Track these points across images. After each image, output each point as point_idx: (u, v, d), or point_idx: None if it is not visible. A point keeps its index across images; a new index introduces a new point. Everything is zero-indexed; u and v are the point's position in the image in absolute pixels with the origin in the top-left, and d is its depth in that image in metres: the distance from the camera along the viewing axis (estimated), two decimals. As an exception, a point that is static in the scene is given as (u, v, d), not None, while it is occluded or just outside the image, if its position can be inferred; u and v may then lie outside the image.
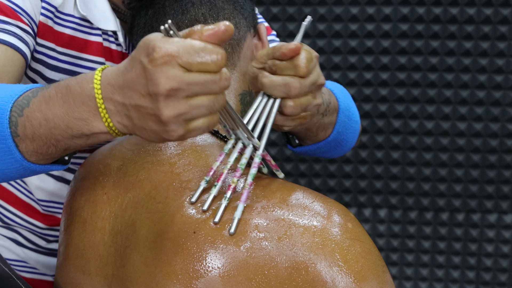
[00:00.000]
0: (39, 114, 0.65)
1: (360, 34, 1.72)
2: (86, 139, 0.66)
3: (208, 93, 0.60)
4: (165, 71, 0.57)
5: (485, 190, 1.78)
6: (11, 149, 0.67)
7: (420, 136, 1.76)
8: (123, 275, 0.75)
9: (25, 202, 1.07)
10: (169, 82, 0.57)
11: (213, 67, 0.59)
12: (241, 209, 0.68)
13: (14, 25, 0.86)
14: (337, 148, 0.98)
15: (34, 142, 0.66)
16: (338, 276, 0.66)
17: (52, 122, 0.65)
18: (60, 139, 0.66)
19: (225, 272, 0.67)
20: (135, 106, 0.60)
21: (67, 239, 0.85)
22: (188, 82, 0.58)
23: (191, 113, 0.59)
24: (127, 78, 0.60)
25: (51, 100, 0.65)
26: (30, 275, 1.11)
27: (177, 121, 0.59)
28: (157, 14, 0.87)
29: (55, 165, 0.72)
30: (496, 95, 1.72)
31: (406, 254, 1.84)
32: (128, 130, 0.64)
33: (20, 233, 1.09)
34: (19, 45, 0.84)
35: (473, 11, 1.67)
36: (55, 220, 1.08)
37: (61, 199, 1.06)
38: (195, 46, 0.58)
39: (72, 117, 0.64)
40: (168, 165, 0.78)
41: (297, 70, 0.73)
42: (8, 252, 1.08)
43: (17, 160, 0.68)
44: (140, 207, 0.77)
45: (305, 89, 0.74)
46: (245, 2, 0.90)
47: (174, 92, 0.58)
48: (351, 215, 0.72)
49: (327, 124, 0.92)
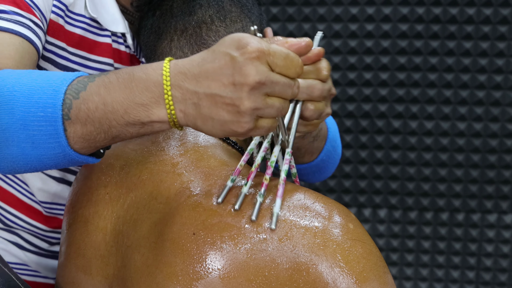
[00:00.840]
0: (97, 97, 0.65)
1: (359, 34, 1.72)
2: (140, 128, 0.66)
3: (282, 96, 0.64)
4: (256, 65, 0.61)
5: (485, 190, 1.78)
6: (58, 133, 0.66)
7: (420, 136, 1.76)
8: (124, 275, 0.75)
9: (27, 204, 1.07)
10: (259, 75, 0.60)
11: (293, 73, 0.63)
12: (279, 204, 0.69)
13: (27, 18, 0.85)
14: (315, 174, 1.02)
15: (86, 126, 0.66)
16: (340, 277, 0.66)
17: (110, 106, 0.65)
18: (114, 125, 0.66)
19: (225, 273, 0.67)
20: (211, 95, 0.62)
21: (69, 239, 0.85)
22: (272, 80, 0.62)
23: (264, 111, 0.63)
24: (207, 68, 0.62)
25: (111, 85, 0.65)
26: (32, 278, 1.10)
27: (252, 114, 0.62)
28: (164, 15, 0.88)
29: (91, 157, 0.71)
30: (496, 95, 1.72)
31: (406, 254, 1.84)
32: (188, 120, 0.65)
33: (22, 236, 1.08)
34: (34, 39, 0.84)
35: (472, 11, 1.67)
36: (58, 222, 1.08)
37: (63, 200, 1.06)
38: (282, 50, 0.63)
39: (133, 102, 0.64)
40: (170, 165, 0.78)
41: (319, 73, 0.76)
42: (10, 255, 1.08)
43: (61, 145, 0.67)
44: (142, 207, 0.77)
45: (325, 93, 0.76)
46: (253, 6, 0.90)
47: (259, 86, 0.61)
48: (352, 215, 0.72)
49: (315, 149, 0.96)
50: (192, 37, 0.86)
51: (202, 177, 0.75)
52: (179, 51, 0.86)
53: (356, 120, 1.77)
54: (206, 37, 0.85)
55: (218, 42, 0.64)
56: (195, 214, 0.70)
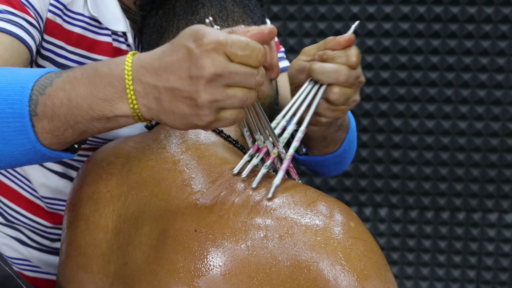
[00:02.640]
0: (62, 93, 0.65)
1: (360, 33, 1.72)
2: (106, 122, 0.66)
3: (245, 86, 0.62)
4: (212, 57, 0.60)
5: (485, 189, 1.78)
6: (27, 129, 0.66)
7: (421, 135, 1.76)
8: (125, 273, 0.75)
9: (29, 200, 1.07)
10: (214, 67, 0.60)
11: (254, 62, 0.62)
12: (280, 176, 0.70)
13: (21, 17, 0.85)
14: (337, 165, 1.03)
15: (52, 122, 0.66)
16: (341, 275, 0.66)
17: (75, 102, 0.65)
18: (80, 121, 0.66)
19: (226, 270, 0.67)
20: (170, 89, 0.62)
21: (70, 237, 0.85)
22: (230, 70, 0.60)
23: (225, 102, 0.62)
24: (166, 61, 0.62)
25: (76, 80, 0.65)
26: (33, 273, 1.11)
27: (210, 107, 0.61)
28: (167, 14, 0.88)
29: (64, 152, 0.71)
30: (497, 94, 1.72)
31: (406, 253, 1.84)
32: (151, 114, 0.65)
33: (24, 232, 1.09)
34: (26, 38, 0.84)
35: (473, 10, 1.67)
36: (60, 218, 1.08)
37: (65, 196, 1.07)
38: (241, 39, 0.61)
39: (97, 97, 0.64)
40: (172, 163, 0.78)
41: (348, 59, 0.77)
42: (12, 250, 1.09)
43: (30, 141, 0.67)
44: (143, 205, 0.77)
45: (351, 79, 0.78)
46: (255, 7, 0.90)
47: (216, 78, 0.60)
48: (353, 214, 0.72)
49: (338, 139, 0.96)
50: None
51: (204, 175, 0.75)
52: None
53: (357, 119, 1.77)
54: None
55: (178, 34, 0.63)
56: (197, 211, 0.71)
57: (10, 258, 1.09)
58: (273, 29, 0.65)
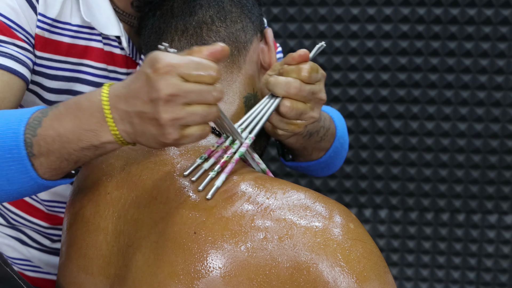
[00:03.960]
0: (52, 131, 0.70)
1: (360, 35, 1.72)
2: (95, 150, 0.71)
3: (203, 103, 0.66)
4: (166, 79, 0.64)
5: (485, 190, 1.78)
6: (27, 169, 0.72)
7: (421, 137, 1.77)
8: (125, 275, 0.75)
9: (28, 203, 1.07)
10: (169, 88, 0.64)
11: (208, 79, 0.66)
12: (222, 178, 0.73)
13: (10, 43, 0.87)
14: (324, 170, 1.07)
15: (49, 158, 0.72)
16: (340, 276, 0.67)
17: (65, 137, 0.70)
18: (72, 152, 0.71)
19: (226, 272, 0.67)
20: (138, 113, 0.66)
21: (70, 239, 0.85)
22: (185, 90, 0.64)
23: (187, 119, 0.66)
24: (132, 88, 0.67)
25: (62, 117, 0.71)
26: (34, 274, 1.11)
27: (173, 125, 0.66)
28: (165, 15, 0.88)
29: (63, 179, 0.77)
30: (497, 95, 1.72)
31: (406, 254, 1.84)
32: (131, 137, 0.70)
33: (25, 232, 1.09)
34: (17, 68, 0.86)
35: (473, 12, 1.67)
36: (59, 219, 1.08)
37: (64, 198, 1.07)
38: (193, 60, 0.66)
39: (83, 129, 0.70)
40: (171, 165, 0.78)
41: (299, 72, 0.81)
42: (13, 251, 1.09)
43: (33, 179, 0.73)
44: (143, 207, 0.77)
45: (303, 92, 0.81)
46: (253, 7, 0.91)
47: (173, 98, 0.64)
48: (353, 215, 0.73)
49: (323, 148, 1.00)
50: (192, 37, 0.86)
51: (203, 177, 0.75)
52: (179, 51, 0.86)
53: (356, 121, 1.77)
54: (207, 37, 0.86)
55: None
56: (196, 213, 0.71)
57: (11, 258, 1.10)
58: (223, 47, 0.68)
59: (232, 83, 0.86)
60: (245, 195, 0.71)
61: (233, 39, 0.86)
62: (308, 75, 0.81)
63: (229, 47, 0.73)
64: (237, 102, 0.85)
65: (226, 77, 0.86)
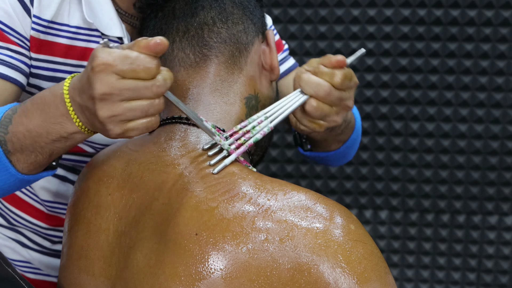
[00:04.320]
0: (22, 127, 0.73)
1: (361, 36, 1.72)
2: (65, 141, 0.73)
3: (142, 98, 0.66)
4: (100, 78, 0.65)
5: (486, 192, 1.78)
6: (6, 166, 0.74)
7: (421, 138, 1.77)
8: (126, 276, 0.75)
9: (29, 204, 1.07)
10: (102, 87, 0.65)
11: (144, 75, 0.66)
12: (232, 158, 0.76)
13: (4, 48, 0.87)
14: (339, 160, 1.09)
15: (23, 153, 0.74)
16: (341, 277, 0.67)
17: (34, 132, 0.72)
18: (44, 145, 0.73)
19: (227, 273, 0.67)
20: (85, 107, 0.69)
21: (71, 240, 0.85)
22: (120, 87, 0.65)
23: (126, 115, 0.67)
24: (81, 83, 0.68)
25: (29, 113, 0.73)
26: (34, 275, 1.11)
27: (112, 121, 0.67)
28: (166, 17, 0.88)
29: (45, 171, 0.79)
30: (497, 97, 1.72)
31: (407, 255, 1.84)
32: (92, 127, 0.71)
33: (25, 234, 1.09)
34: (9, 73, 0.87)
35: (474, 13, 1.67)
36: (59, 220, 1.08)
37: (65, 199, 1.07)
38: (128, 55, 0.65)
39: (50, 123, 0.72)
40: (172, 166, 0.78)
41: (332, 77, 0.82)
42: (13, 252, 1.09)
43: (13, 175, 0.75)
44: (144, 208, 0.77)
45: (332, 97, 0.82)
46: (255, 8, 0.91)
47: (107, 96, 0.65)
48: (353, 217, 0.73)
49: (342, 139, 1.02)
50: (194, 38, 0.86)
51: (204, 178, 0.75)
52: (181, 52, 0.86)
53: (357, 122, 1.77)
54: (208, 38, 0.86)
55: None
56: (197, 214, 0.71)
57: (11, 260, 1.10)
58: (162, 40, 0.67)
59: (233, 84, 0.86)
60: (246, 196, 0.72)
61: (234, 40, 0.87)
62: (340, 82, 0.82)
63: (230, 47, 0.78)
64: (238, 103, 0.85)
65: (227, 78, 0.86)
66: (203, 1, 0.87)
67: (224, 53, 0.86)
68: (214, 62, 0.86)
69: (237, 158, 0.80)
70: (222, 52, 0.86)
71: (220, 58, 0.86)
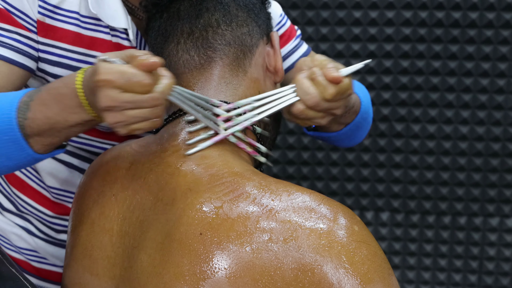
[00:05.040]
0: (40, 115, 0.78)
1: (362, 38, 1.73)
2: (82, 126, 0.80)
3: (141, 108, 0.73)
4: (103, 92, 0.71)
5: (487, 193, 1.78)
6: (24, 147, 0.80)
7: (423, 140, 1.77)
8: (130, 276, 0.76)
9: (36, 190, 1.08)
10: (106, 101, 0.72)
11: (141, 90, 0.71)
12: (207, 144, 0.80)
13: (13, 32, 0.90)
14: (345, 141, 1.08)
15: (41, 136, 0.80)
16: (344, 278, 0.67)
17: (53, 119, 0.78)
18: (61, 130, 0.79)
19: (231, 273, 0.68)
20: (95, 108, 0.75)
21: (75, 240, 0.86)
22: (121, 100, 0.71)
23: (129, 121, 0.73)
24: (89, 87, 0.74)
25: (46, 102, 0.79)
26: (40, 264, 1.12)
27: (118, 126, 0.74)
28: (171, 18, 0.88)
29: (56, 150, 0.85)
30: (498, 99, 1.72)
31: (408, 257, 1.84)
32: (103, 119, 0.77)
33: (32, 222, 1.10)
34: (16, 58, 0.91)
35: (475, 15, 1.67)
36: (65, 208, 1.09)
37: (71, 187, 1.08)
38: (126, 72, 0.71)
39: (67, 112, 0.78)
40: (175, 167, 0.78)
41: (325, 91, 0.81)
42: (20, 240, 1.11)
43: (30, 154, 0.81)
44: (148, 208, 0.77)
45: (319, 108, 0.83)
46: (260, 11, 0.91)
47: (111, 108, 0.72)
48: (357, 218, 0.73)
49: (343, 122, 1.01)
50: (198, 40, 0.86)
51: (208, 178, 0.76)
52: (185, 53, 0.87)
53: (359, 123, 1.77)
54: (212, 40, 0.86)
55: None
56: (202, 214, 0.71)
57: (19, 248, 1.11)
58: (154, 61, 0.71)
59: (238, 86, 0.86)
60: (250, 196, 0.72)
61: (238, 43, 0.87)
62: (331, 98, 0.81)
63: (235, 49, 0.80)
64: None
65: (231, 80, 0.86)
66: (207, 3, 0.87)
67: (228, 55, 0.86)
68: (219, 64, 0.86)
69: (244, 149, 0.83)
70: (227, 54, 0.86)
71: (225, 60, 0.86)
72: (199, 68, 0.86)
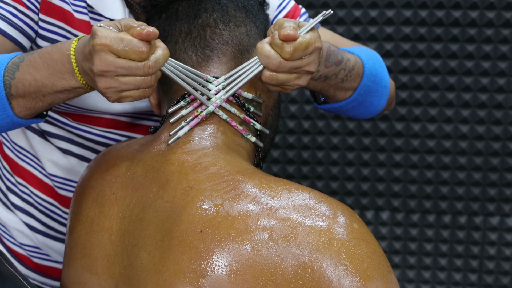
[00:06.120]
0: (29, 76, 0.80)
1: (362, 37, 1.73)
2: (68, 93, 0.81)
3: (135, 75, 0.74)
4: (99, 56, 0.73)
5: (487, 192, 1.78)
6: (5, 107, 0.81)
7: (423, 139, 1.77)
8: (130, 274, 0.76)
9: (39, 179, 1.09)
10: (101, 64, 0.73)
11: (136, 57, 0.73)
12: (184, 130, 0.82)
13: (10, 5, 0.91)
14: (360, 108, 1.04)
15: (25, 99, 0.81)
16: (344, 275, 0.67)
17: (40, 82, 0.80)
18: (47, 95, 0.81)
19: (231, 270, 0.68)
20: (87, 73, 0.77)
21: (73, 240, 0.86)
22: (116, 65, 0.73)
23: (121, 88, 0.75)
24: (84, 52, 0.76)
25: (37, 64, 0.80)
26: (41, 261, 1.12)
27: (108, 92, 0.75)
28: (170, 18, 0.89)
29: (35, 118, 0.86)
30: (499, 98, 1.72)
31: (408, 256, 1.84)
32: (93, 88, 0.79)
33: (34, 215, 1.10)
34: (9, 31, 0.91)
35: (475, 14, 1.68)
36: (68, 199, 1.09)
37: (72, 176, 1.08)
38: (123, 38, 0.72)
39: (56, 76, 0.79)
40: (176, 164, 0.79)
41: (282, 52, 0.79)
42: (22, 236, 1.11)
43: (9, 116, 0.82)
44: (148, 206, 0.77)
45: (284, 69, 0.80)
46: (258, 12, 0.91)
47: (105, 73, 0.73)
48: (357, 216, 0.73)
49: (347, 88, 0.98)
50: (196, 39, 0.87)
51: (209, 176, 0.76)
52: (183, 53, 0.87)
53: (358, 122, 1.77)
54: (210, 40, 0.87)
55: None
56: (202, 212, 0.71)
57: (21, 244, 1.11)
58: (152, 30, 0.73)
59: None
60: (251, 194, 0.72)
61: (236, 42, 0.87)
62: (289, 56, 0.79)
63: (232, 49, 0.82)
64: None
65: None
66: (206, 4, 0.88)
67: (225, 54, 0.87)
68: (216, 62, 0.86)
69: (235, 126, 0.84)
70: (224, 53, 0.87)
71: (222, 58, 0.87)
72: (196, 67, 0.86)
